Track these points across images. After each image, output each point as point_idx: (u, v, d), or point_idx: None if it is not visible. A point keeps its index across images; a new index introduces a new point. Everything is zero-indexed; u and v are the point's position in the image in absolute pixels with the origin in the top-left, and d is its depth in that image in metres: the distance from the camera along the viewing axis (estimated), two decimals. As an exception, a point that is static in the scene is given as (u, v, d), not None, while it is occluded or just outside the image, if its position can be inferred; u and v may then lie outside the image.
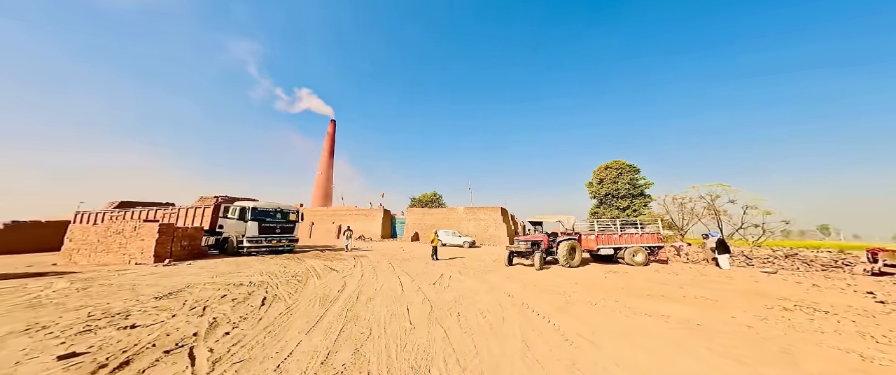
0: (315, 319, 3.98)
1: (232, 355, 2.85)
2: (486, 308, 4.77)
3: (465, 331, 3.71)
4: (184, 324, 3.65)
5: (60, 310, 4.22)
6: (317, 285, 6.22)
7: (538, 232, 11.03)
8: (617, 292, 6.13)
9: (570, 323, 4.09)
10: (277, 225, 13.37)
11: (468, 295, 5.69)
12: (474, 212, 25.83)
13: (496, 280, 7.36)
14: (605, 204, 26.66)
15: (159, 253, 9.68)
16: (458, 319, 4.17)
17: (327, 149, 59.87)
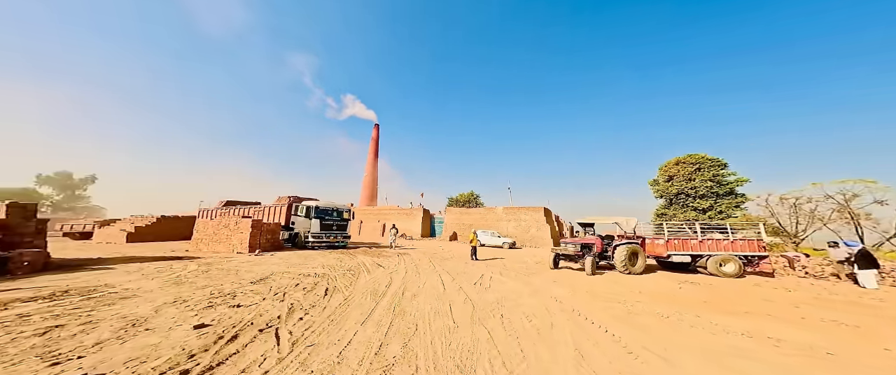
0: (367, 312, 4.37)
1: (305, 338, 3.34)
2: (532, 311, 4.62)
3: (510, 334, 3.65)
4: (271, 307, 4.41)
5: (193, 288, 5.51)
6: (367, 279, 6.81)
7: (589, 234, 10.13)
8: (697, 306, 5.33)
9: (634, 335, 3.71)
10: (334, 223, 14.83)
11: (510, 296, 5.58)
12: (514, 212, 24.78)
13: (541, 283, 7.05)
14: (677, 205, 22.30)
15: (252, 245, 11.79)
16: (502, 321, 4.12)
17: (372, 152, 64.60)
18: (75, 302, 4.41)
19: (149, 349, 2.87)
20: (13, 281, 6.04)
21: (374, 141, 65.80)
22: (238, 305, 4.46)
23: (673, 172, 22.81)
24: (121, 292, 5.12)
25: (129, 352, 2.78)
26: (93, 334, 3.20)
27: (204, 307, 4.32)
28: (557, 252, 9.38)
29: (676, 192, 22.24)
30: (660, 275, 8.73)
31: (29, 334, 3.15)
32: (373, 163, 64.23)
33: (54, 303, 4.34)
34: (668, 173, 23.11)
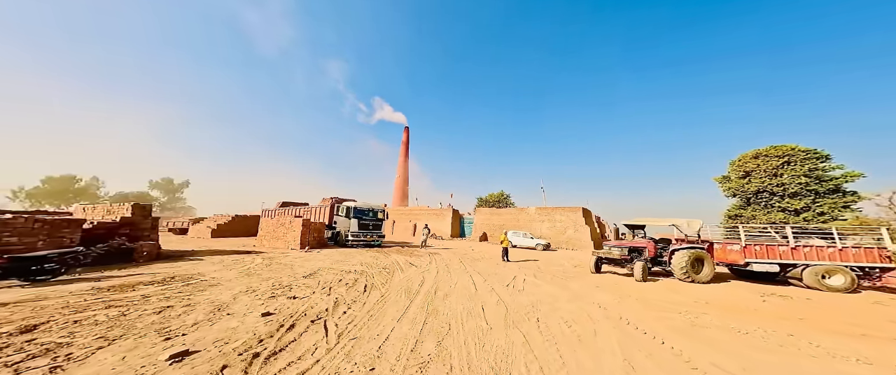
0: (402, 309, 4.56)
1: (349, 332, 3.62)
2: (571, 317, 4.38)
3: (547, 339, 3.51)
4: (320, 300, 4.88)
5: (259, 279, 6.37)
6: (401, 278, 7.10)
7: (639, 237, 9.22)
8: (789, 322, 4.55)
9: (700, 350, 3.30)
10: (371, 223, 15.62)
11: (546, 300, 5.36)
12: (548, 213, 23.36)
13: (580, 288, 6.63)
14: (757, 205, 18.47)
15: (302, 242, 13.14)
16: (538, 325, 3.98)
17: (403, 154, 66.93)
18: (179, 287, 5.42)
19: (230, 331, 3.41)
20: (136, 267, 7.64)
21: (404, 143, 68.16)
22: (294, 296, 5.02)
23: (750, 167, 18.78)
24: (209, 280, 6.14)
25: (216, 333, 3.34)
26: (191, 315, 3.90)
27: (268, 297, 4.96)
28: (600, 255, 8.65)
29: (756, 190, 18.21)
30: (734, 285, 7.52)
31: (150, 312, 3.97)
32: (403, 164, 66.53)
33: (165, 287, 5.39)
34: (744, 168, 19.11)
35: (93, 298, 4.54)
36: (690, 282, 7.42)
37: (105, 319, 3.63)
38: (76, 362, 2.55)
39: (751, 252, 7.85)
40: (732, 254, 8.05)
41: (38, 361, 2.53)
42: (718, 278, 8.27)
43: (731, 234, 8.49)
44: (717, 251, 8.31)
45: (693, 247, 7.87)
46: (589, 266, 8.97)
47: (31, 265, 5.53)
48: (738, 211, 19.21)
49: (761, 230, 8.57)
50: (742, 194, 19.28)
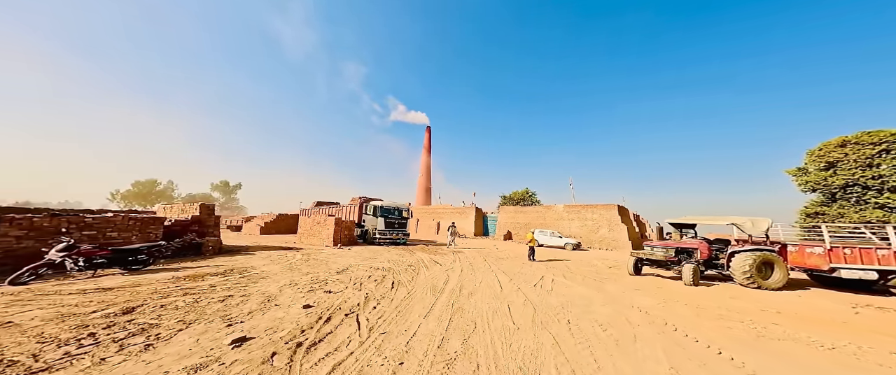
0: (428, 306, 4.66)
1: (379, 326, 3.80)
2: (607, 321, 4.14)
3: (580, 341, 3.35)
4: (352, 295, 5.20)
5: (300, 274, 6.97)
6: (426, 275, 7.26)
7: (689, 237, 8.40)
8: (892, 339, 3.85)
9: (770, 364, 2.94)
10: (396, 221, 16.09)
11: (578, 302, 5.12)
12: (578, 211, 21.99)
13: (617, 290, 6.23)
14: (845, 201, 15.48)
15: (335, 240, 14.05)
16: (569, 327, 3.83)
17: (425, 154, 67.96)
18: (237, 279, 6.15)
19: (277, 321, 3.79)
20: (204, 259, 8.82)
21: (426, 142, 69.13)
22: (329, 291, 5.41)
23: (836, 157, 15.65)
24: (260, 273, 6.87)
25: (267, 322, 3.74)
26: (247, 304, 4.41)
27: (308, 290, 5.40)
28: (640, 256, 7.97)
29: (844, 184, 15.17)
30: (815, 294, 6.52)
31: (215, 300, 4.57)
32: (426, 163, 67.54)
33: (226, 278, 6.16)
34: (827, 159, 15.95)
35: (174, 286, 5.35)
36: (755, 288, 6.52)
37: (183, 304, 4.26)
38: (163, 341, 3.04)
39: (838, 255, 6.60)
40: (813, 258, 6.86)
41: (136, 339, 3.06)
42: (793, 285, 7.15)
43: (812, 235, 7.21)
44: (792, 254, 7.17)
45: (759, 249, 6.89)
46: (627, 267, 8.31)
47: (128, 256, 6.67)
48: (819, 209, 16.03)
49: (852, 230, 7.15)
50: (825, 189, 16.06)
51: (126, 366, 2.49)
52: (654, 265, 7.76)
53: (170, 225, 10.02)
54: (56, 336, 3.04)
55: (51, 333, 3.10)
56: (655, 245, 7.87)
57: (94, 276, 6.01)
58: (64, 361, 2.54)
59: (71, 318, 3.55)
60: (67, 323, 3.39)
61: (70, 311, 3.80)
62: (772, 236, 7.50)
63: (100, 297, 4.48)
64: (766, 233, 7.24)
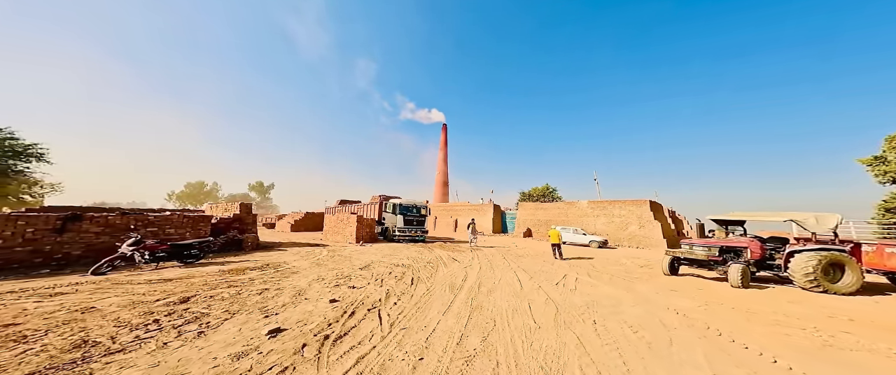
0: (447, 303, 4.70)
1: (399, 322, 3.91)
2: (637, 322, 3.91)
3: (607, 343, 3.19)
4: (374, 291, 5.39)
5: (326, 269, 7.36)
6: (445, 272, 7.31)
7: (737, 234, 7.65)
8: None
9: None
10: (415, 219, 16.31)
11: (605, 302, 4.88)
12: (604, 206, 20.70)
13: (649, 291, 5.85)
14: None
15: (357, 237, 14.64)
16: (595, 328, 3.67)
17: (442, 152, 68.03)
18: (272, 273, 6.65)
19: (307, 314, 4.04)
20: (244, 254, 9.65)
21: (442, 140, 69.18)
22: (353, 286, 5.66)
23: None
24: (292, 268, 7.37)
25: (298, 315, 4.00)
26: (281, 297, 4.76)
27: (333, 285, 5.70)
28: (677, 255, 7.39)
29: None
30: (893, 299, 5.69)
31: (254, 292, 4.99)
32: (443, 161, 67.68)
33: (263, 272, 6.69)
34: None
35: (220, 278, 5.93)
36: (820, 293, 5.80)
37: (228, 296, 4.70)
38: (212, 329, 3.38)
39: None
40: (895, 259, 5.97)
41: (191, 326, 3.44)
42: (869, 290, 6.24)
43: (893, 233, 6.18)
44: (868, 255, 6.26)
45: (826, 249, 6.09)
46: (661, 267, 7.73)
47: (183, 251, 7.49)
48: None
49: None
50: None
51: (183, 351, 2.81)
52: (694, 265, 7.12)
53: (216, 223, 11.08)
54: (128, 320, 3.51)
55: (124, 318, 3.58)
56: (696, 243, 7.18)
57: (157, 268, 6.84)
58: (134, 343, 2.92)
59: (140, 306, 4.07)
60: (137, 310, 3.89)
61: (139, 299, 4.36)
62: (841, 234, 6.63)
63: (162, 287, 5.09)
64: (834, 231, 6.35)
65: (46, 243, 6.85)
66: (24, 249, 6.53)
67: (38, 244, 6.73)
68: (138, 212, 9.60)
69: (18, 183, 14.70)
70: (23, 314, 3.60)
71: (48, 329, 3.15)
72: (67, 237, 7.15)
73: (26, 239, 6.60)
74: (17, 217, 6.57)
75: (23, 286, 4.92)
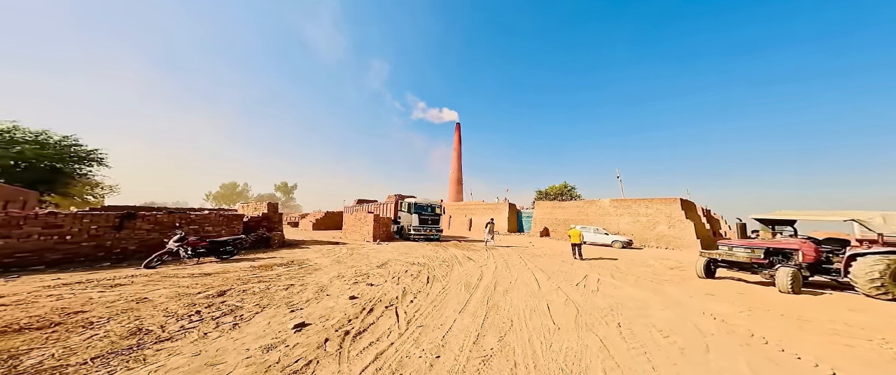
0: (463, 302, 4.69)
1: (416, 319, 3.96)
2: (668, 326, 3.70)
3: (633, 347, 3.03)
4: (391, 289, 5.51)
5: (346, 266, 7.64)
6: (460, 271, 7.32)
7: (786, 235, 7.04)
8: None
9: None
10: (429, 218, 16.47)
11: (630, 305, 4.66)
12: (628, 205, 19.58)
13: (681, 294, 5.52)
14: None
15: (374, 235, 15.05)
16: (620, 330, 3.51)
17: (456, 151, 67.88)
18: (296, 270, 7.03)
19: (329, 309, 4.22)
20: (272, 251, 10.28)
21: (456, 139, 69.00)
22: (371, 284, 5.82)
23: None
24: (314, 265, 7.74)
25: (321, 310, 4.19)
26: (305, 293, 5.01)
27: (353, 282, 5.90)
28: (714, 257, 6.86)
29: None
30: None
31: (281, 288, 5.30)
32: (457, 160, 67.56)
33: (289, 269, 7.08)
34: None
35: (251, 274, 6.36)
36: (889, 301, 5.17)
37: (258, 290, 5.04)
38: (245, 321, 3.63)
39: None
40: None
41: (227, 318, 3.72)
42: None
43: None
44: None
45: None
46: (695, 269, 7.23)
47: (220, 247, 8.12)
48: None
49: None
50: None
51: (220, 341, 3.05)
52: (734, 267, 6.58)
53: (246, 222, 11.90)
54: (175, 311, 3.87)
55: (172, 308, 3.96)
56: (736, 244, 6.63)
57: (198, 263, 7.48)
58: (180, 333, 3.22)
59: (185, 297, 4.48)
60: (182, 301, 4.29)
61: (184, 291, 4.79)
62: None
63: (202, 281, 5.56)
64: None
65: (107, 239, 7.74)
66: (88, 244, 7.43)
67: (100, 239, 7.63)
68: (182, 211, 10.55)
69: (82, 185, 16.75)
70: (89, 302, 4.10)
71: (110, 317, 3.56)
72: (124, 233, 8.02)
73: (90, 235, 7.49)
74: (82, 215, 7.48)
75: (89, 277, 5.60)
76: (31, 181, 13.05)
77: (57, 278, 5.43)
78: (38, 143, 13.80)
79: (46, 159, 13.76)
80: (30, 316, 3.47)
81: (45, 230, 6.84)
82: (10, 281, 5.09)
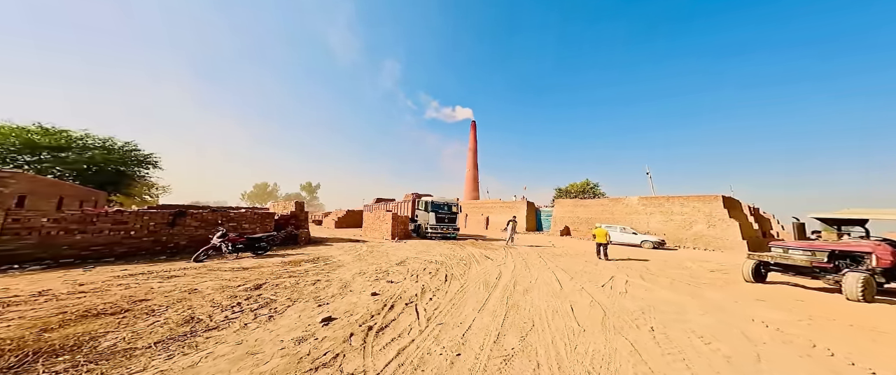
0: (482, 301, 4.67)
1: (435, 317, 4.02)
2: (709, 333, 3.44)
3: (669, 353, 2.84)
4: (410, 286, 5.63)
5: (367, 263, 7.93)
6: (478, 270, 7.29)
7: (856, 236, 6.31)
8: None
9: None
10: (446, 216, 16.56)
11: (664, 308, 4.39)
12: (660, 203, 18.24)
13: (724, 299, 5.11)
14: None
15: (393, 234, 15.43)
16: (653, 335, 3.32)
17: (471, 149, 67.29)
18: (322, 266, 7.42)
19: (352, 305, 4.41)
20: (299, 248, 10.95)
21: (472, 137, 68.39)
22: (391, 281, 5.99)
23: None
24: (338, 262, 8.13)
25: (345, 305, 4.39)
26: (330, 288, 5.28)
27: (374, 279, 6.11)
28: (765, 259, 6.28)
29: None
30: None
31: (309, 283, 5.63)
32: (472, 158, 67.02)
33: (315, 265, 7.50)
34: None
35: (282, 269, 6.83)
36: None
37: (289, 285, 5.40)
38: (279, 314, 3.91)
39: None
40: None
41: (263, 310, 4.03)
42: None
43: None
44: None
45: None
46: (742, 272, 6.62)
47: (255, 243, 8.81)
48: None
49: None
50: None
51: (258, 332, 3.31)
52: (790, 272, 5.97)
53: (277, 219, 12.78)
54: (220, 302, 4.27)
55: (217, 299, 4.37)
56: (793, 246, 6.00)
57: (237, 258, 8.18)
58: (225, 322, 3.55)
59: (227, 289, 4.93)
60: (225, 293, 4.71)
61: (226, 284, 5.27)
62: None
63: (241, 275, 6.07)
64: None
65: (162, 234, 8.71)
66: (148, 239, 8.42)
67: (157, 235, 8.61)
68: (222, 210, 11.58)
69: (141, 185, 19.01)
70: (151, 291, 4.65)
71: (168, 306, 4.01)
72: (176, 230, 8.98)
73: (149, 231, 8.48)
74: (143, 213, 8.48)
75: (149, 268, 6.36)
76: (100, 182, 15.03)
77: (124, 269, 6.23)
78: (105, 149, 15.84)
79: (112, 163, 15.76)
80: (104, 303, 4.02)
81: (114, 226, 7.86)
82: (87, 271, 5.93)
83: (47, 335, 2.97)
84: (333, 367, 2.61)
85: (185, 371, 2.45)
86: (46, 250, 6.78)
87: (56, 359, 2.52)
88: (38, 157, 13.68)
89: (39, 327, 3.14)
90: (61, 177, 13.61)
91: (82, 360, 2.53)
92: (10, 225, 6.42)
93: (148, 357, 2.65)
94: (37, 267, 6.21)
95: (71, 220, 7.23)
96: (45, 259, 6.69)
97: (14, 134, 13.28)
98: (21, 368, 2.36)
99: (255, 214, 11.30)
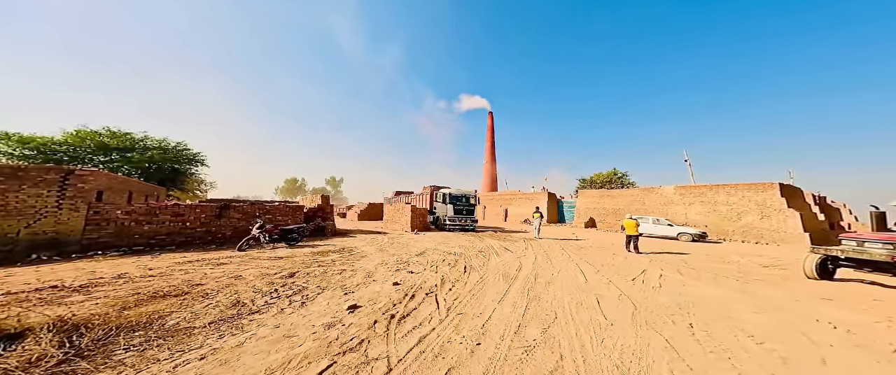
0: (502, 292, 4.63)
1: (455, 307, 4.06)
2: (762, 332, 3.13)
3: (711, 351, 2.63)
4: (430, 277, 5.73)
5: (388, 255, 8.21)
6: (497, 262, 7.23)
7: None
8: None
9: None
10: (464, 208, 16.50)
11: (705, 304, 4.07)
12: (701, 193, 16.36)
13: (782, 296, 4.63)
14: None
15: (412, 226, 15.78)
16: (692, 331, 3.09)
17: (489, 140, 65.75)
18: (347, 256, 7.83)
19: (375, 293, 4.60)
20: (326, 239, 11.63)
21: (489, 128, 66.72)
22: (411, 271, 6.14)
23: None
24: (361, 253, 8.51)
25: (369, 294, 4.60)
26: (355, 278, 5.55)
27: (395, 270, 6.31)
28: (833, 254, 5.62)
29: None
30: None
31: (336, 272, 5.96)
32: (490, 150, 65.61)
33: (341, 255, 7.93)
34: None
35: (311, 259, 7.31)
36: None
37: (318, 273, 5.77)
38: (310, 301, 4.20)
39: None
40: None
41: (296, 297, 4.36)
42: None
43: None
44: None
45: None
46: (803, 268, 5.91)
47: (288, 234, 9.52)
48: None
49: None
50: None
51: (293, 317, 3.59)
52: (865, 268, 5.21)
53: (306, 212, 13.65)
54: (260, 288, 4.69)
55: (258, 286, 4.80)
56: (870, 238, 5.20)
57: (273, 248, 8.91)
58: (265, 307, 3.89)
59: (267, 277, 5.39)
60: (265, 280, 5.16)
61: (265, 271, 5.77)
62: None
63: (277, 263, 6.61)
64: None
65: (212, 226, 9.73)
66: (200, 230, 9.46)
67: (207, 226, 9.63)
68: (260, 203, 12.62)
69: (192, 181, 21.29)
70: (205, 277, 5.24)
71: (218, 290, 4.49)
72: (223, 221, 9.98)
73: (202, 222, 9.51)
74: (195, 206, 9.51)
75: (202, 256, 7.15)
76: (159, 179, 17.08)
77: (183, 256, 7.07)
78: (162, 148, 17.85)
79: (168, 161, 17.75)
80: (169, 285, 4.60)
81: (173, 218, 8.92)
82: (154, 258, 6.82)
83: (126, 312, 3.48)
84: (359, 352, 2.75)
85: (233, 349, 2.73)
86: (122, 238, 7.92)
87: (133, 334, 2.95)
88: (109, 157, 15.81)
89: (120, 305, 3.68)
90: (128, 175, 15.64)
91: (153, 335, 2.93)
92: (93, 217, 7.56)
93: (204, 335, 2.99)
94: (115, 253, 7.28)
95: (139, 213, 8.33)
96: (122, 246, 7.82)
97: (89, 137, 15.34)
98: (107, 340, 2.80)
99: (287, 207, 12.15)
